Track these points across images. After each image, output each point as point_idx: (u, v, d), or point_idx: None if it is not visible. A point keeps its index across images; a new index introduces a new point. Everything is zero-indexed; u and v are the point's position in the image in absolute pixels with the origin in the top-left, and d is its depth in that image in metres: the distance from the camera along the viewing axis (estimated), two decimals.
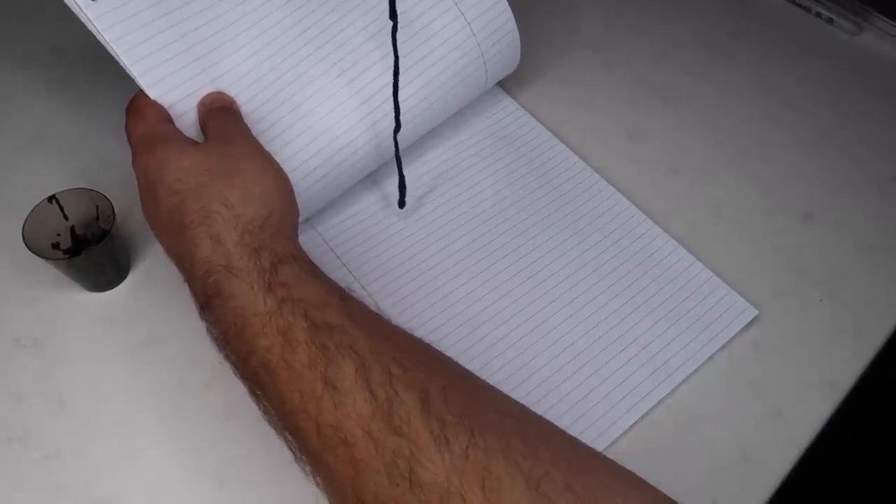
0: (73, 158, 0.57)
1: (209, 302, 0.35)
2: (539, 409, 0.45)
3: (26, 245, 0.45)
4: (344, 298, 0.35)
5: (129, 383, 0.46)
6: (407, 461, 0.28)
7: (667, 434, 0.46)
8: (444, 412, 0.30)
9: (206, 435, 0.44)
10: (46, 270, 0.47)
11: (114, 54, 0.42)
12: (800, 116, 0.63)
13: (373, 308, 0.34)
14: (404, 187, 0.52)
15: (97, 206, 0.48)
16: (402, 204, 0.52)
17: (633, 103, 0.63)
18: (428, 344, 0.35)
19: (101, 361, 0.47)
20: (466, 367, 0.46)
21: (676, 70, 0.66)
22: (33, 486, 0.43)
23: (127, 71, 0.43)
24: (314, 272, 0.36)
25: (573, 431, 0.45)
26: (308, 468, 0.32)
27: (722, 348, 0.49)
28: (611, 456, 0.44)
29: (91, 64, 0.63)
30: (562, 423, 0.45)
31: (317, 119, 0.48)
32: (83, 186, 0.48)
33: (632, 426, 0.45)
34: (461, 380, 0.34)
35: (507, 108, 0.61)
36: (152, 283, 0.51)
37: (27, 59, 0.64)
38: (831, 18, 0.70)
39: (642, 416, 0.46)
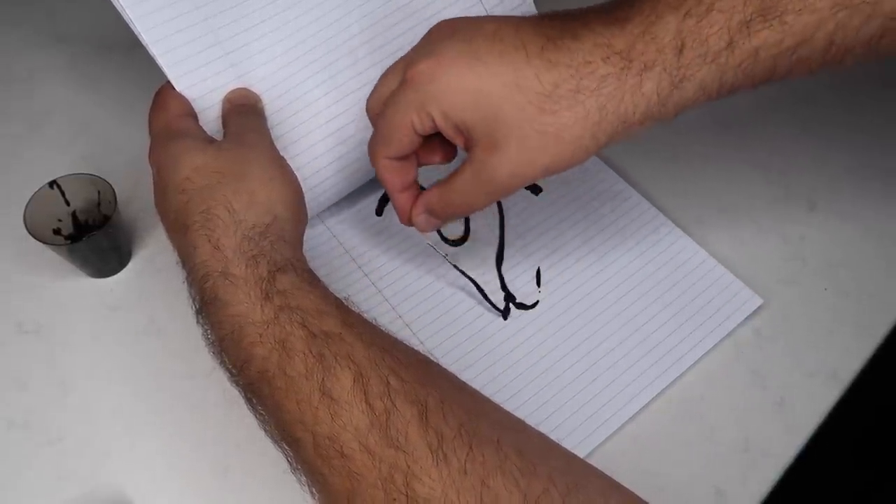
0: (74, 144, 0.57)
1: (206, 307, 0.35)
2: (542, 398, 0.46)
3: (28, 230, 0.45)
4: (341, 307, 0.35)
5: (131, 369, 0.46)
6: (404, 475, 0.28)
7: (670, 422, 0.46)
8: (442, 425, 0.29)
9: (210, 421, 0.44)
10: (48, 256, 0.47)
11: (144, 44, 0.42)
12: (804, 104, 0.62)
13: (380, 300, 0.34)
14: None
15: (99, 192, 0.48)
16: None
17: None
18: (424, 355, 0.35)
19: (104, 347, 0.47)
20: (469, 356, 0.47)
21: None
22: (36, 471, 0.43)
23: (156, 61, 0.42)
24: (312, 281, 0.36)
25: (576, 420, 0.45)
26: (304, 479, 0.32)
27: (726, 337, 0.48)
28: (614, 444, 0.45)
29: (94, 50, 0.62)
30: (565, 411, 0.45)
31: (338, 124, 0.48)
32: (85, 172, 0.48)
33: (636, 414, 0.45)
34: (459, 392, 0.33)
35: None
36: (154, 269, 0.51)
37: (30, 44, 0.64)
38: None
39: (646, 404, 0.46)
